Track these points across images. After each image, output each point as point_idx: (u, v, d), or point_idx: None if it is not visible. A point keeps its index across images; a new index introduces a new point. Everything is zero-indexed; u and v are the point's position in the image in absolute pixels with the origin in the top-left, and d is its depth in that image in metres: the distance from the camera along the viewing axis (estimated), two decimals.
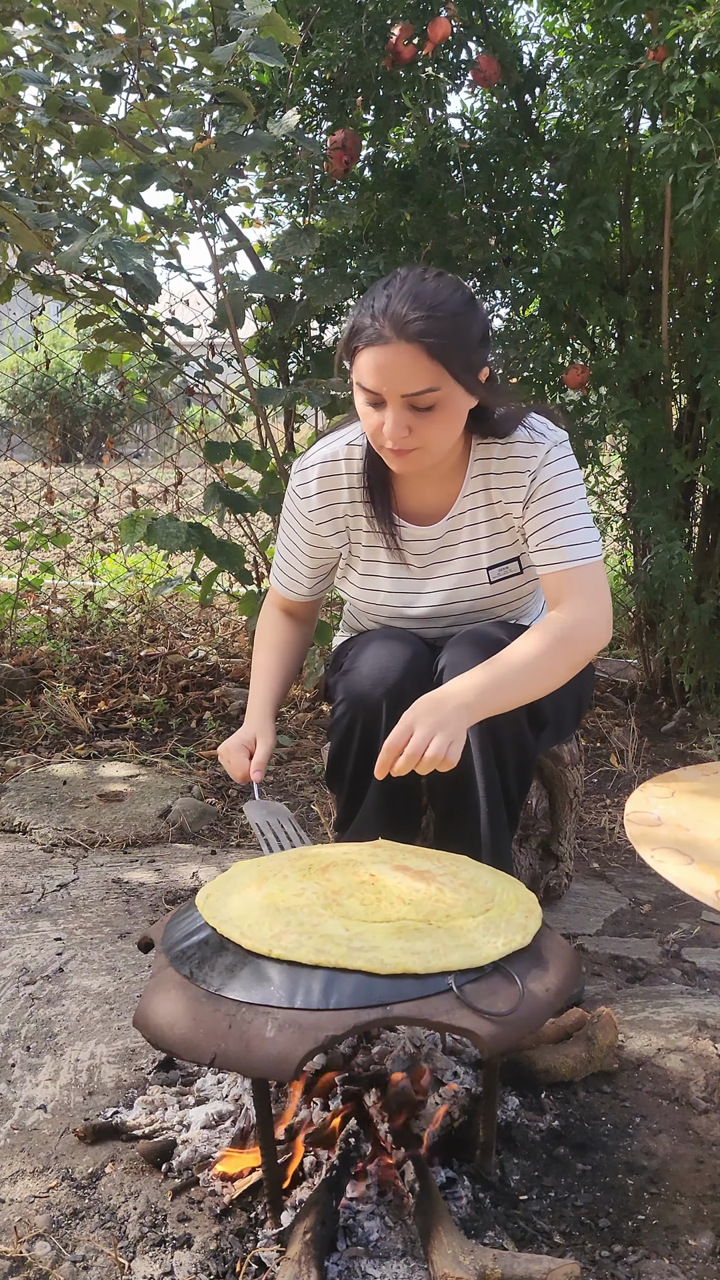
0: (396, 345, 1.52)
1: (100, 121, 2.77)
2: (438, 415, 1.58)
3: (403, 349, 1.52)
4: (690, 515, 3.45)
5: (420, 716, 1.48)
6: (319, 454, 1.84)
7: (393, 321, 1.52)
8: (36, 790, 2.90)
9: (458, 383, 1.56)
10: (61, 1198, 1.38)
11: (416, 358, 1.52)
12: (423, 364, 1.52)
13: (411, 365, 1.53)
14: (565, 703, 1.84)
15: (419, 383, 1.54)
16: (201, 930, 1.31)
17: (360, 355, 1.57)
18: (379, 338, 1.53)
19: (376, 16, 3.04)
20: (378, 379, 1.55)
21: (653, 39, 2.65)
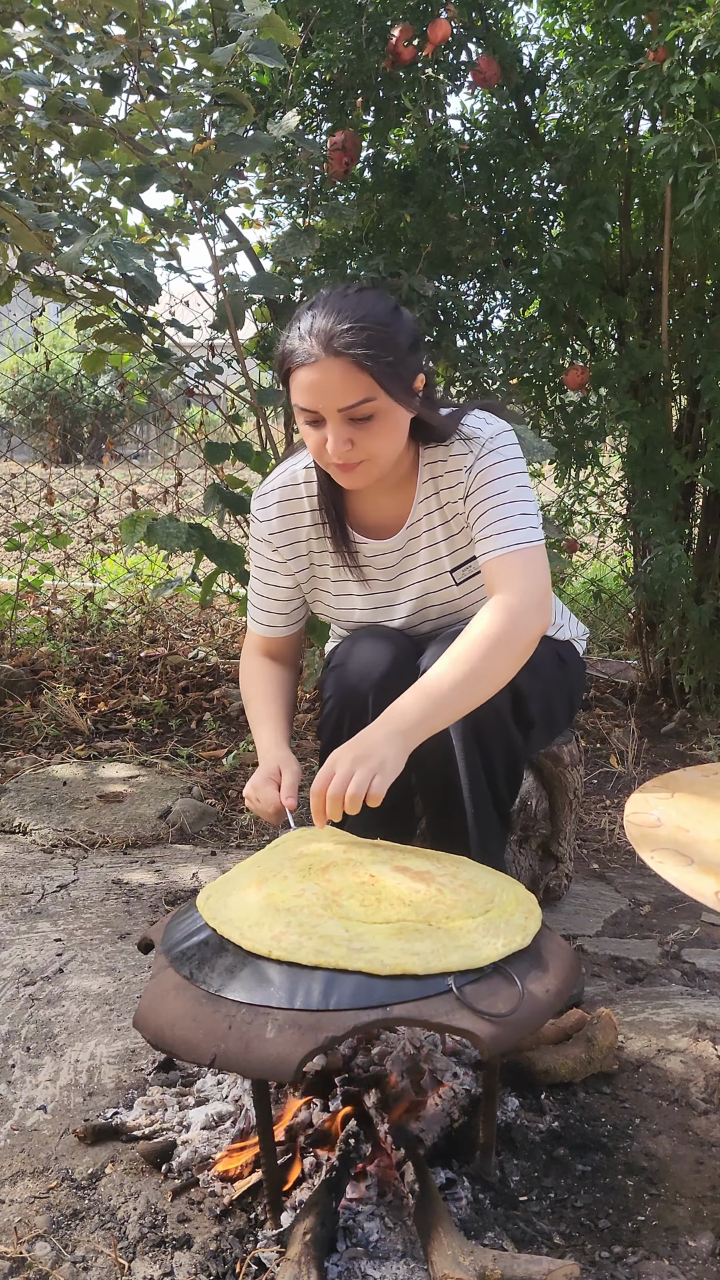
0: (326, 361, 1.54)
1: (100, 123, 2.77)
2: (376, 426, 1.59)
3: (332, 364, 1.54)
4: (690, 516, 3.45)
5: (339, 756, 1.44)
6: (277, 480, 1.85)
7: (319, 338, 1.54)
8: (36, 791, 2.90)
9: (391, 391, 1.58)
10: (61, 1198, 1.38)
11: (347, 371, 1.54)
12: (353, 376, 1.54)
13: (343, 379, 1.55)
14: (555, 701, 1.85)
15: (352, 395, 1.55)
16: (201, 931, 1.31)
17: (294, 377, 1.59)
18: (308, 356, 1.55)
19: (376, 18, 3.04)
20: (312, 397, 1.57)
21: (653, 40, 2.65)
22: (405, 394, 1.61)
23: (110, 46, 2.70)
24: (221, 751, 3.28)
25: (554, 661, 1.88)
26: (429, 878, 1.35)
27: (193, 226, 3.02)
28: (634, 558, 3.52)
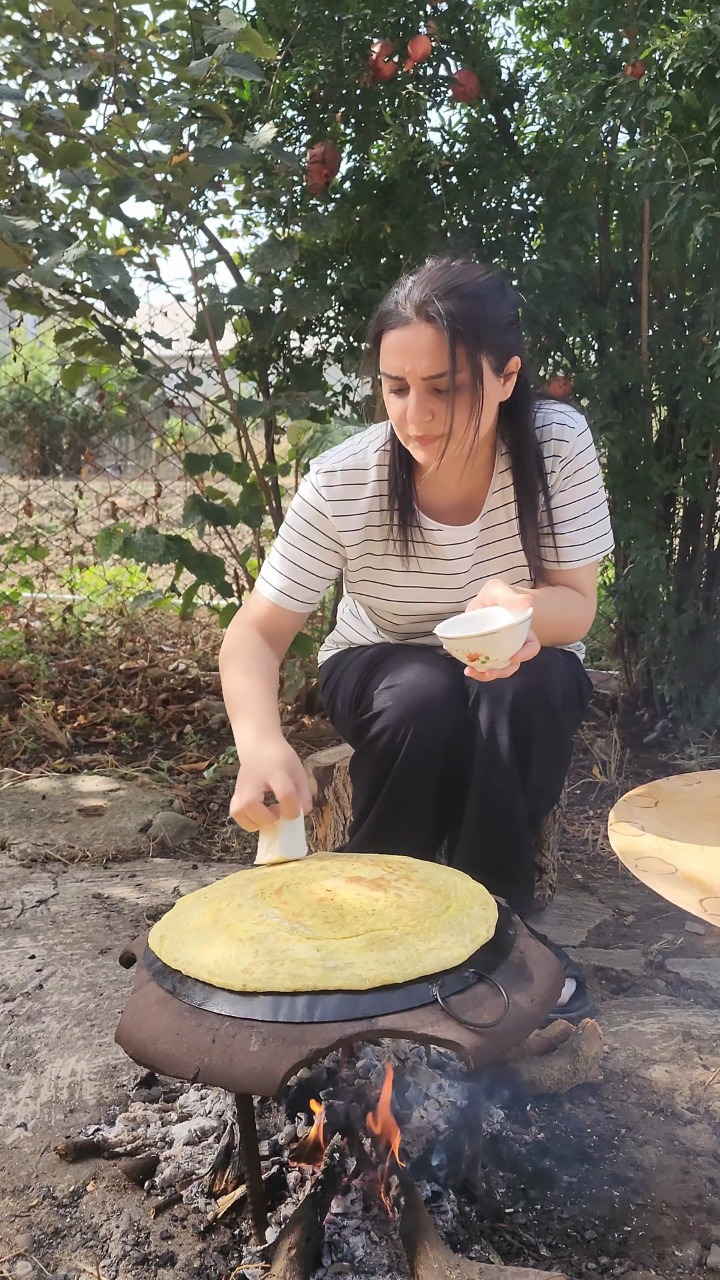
0: (416, 326, 1.51)
1: (78, 135, 2.77)
2: (461, 400, 1.54)
3: (422, 329, 1.50)
4: (670, 527, 3.46)
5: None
6: (344, 458, 1.78)
7: (413, 303, 1.51)
8: (15, 805, 2.88)
9: (481, 365, 1.53)
10: (43, 1216, 1.36)
11: (436, 338, 1.50)
12: (442, 344, 1.50)
13: (431, 345, 1.50)
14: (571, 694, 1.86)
15: (438, 364, 1.51)
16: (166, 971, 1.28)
17: (384, 340, 1.56)
18: (400, 319, 1.52)
19: (356, 34, 3.06)
20: (399, 361, 1.53)
21: (630, 55, 2.67)
22: (495, 372, 1.57)
23: (87, 59, 2.70)
24: (202, 765, 3.26)
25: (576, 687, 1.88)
26: (384, 884, 1.35)
27: (172, 238, 3.02)
28: (615, 568, 3.53)
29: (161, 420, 4.57)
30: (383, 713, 1.73)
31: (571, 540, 1.77)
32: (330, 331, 3.49)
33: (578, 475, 1.74)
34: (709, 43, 2.42)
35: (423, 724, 1.69)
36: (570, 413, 1.75)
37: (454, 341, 1.49)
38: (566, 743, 1.83)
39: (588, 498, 1.76)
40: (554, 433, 1.72)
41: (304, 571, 1.78)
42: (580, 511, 1.76)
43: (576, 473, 1.74)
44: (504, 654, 1.47)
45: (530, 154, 3.17)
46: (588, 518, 1.76)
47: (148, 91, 2.96)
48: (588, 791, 3.07)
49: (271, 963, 1.19)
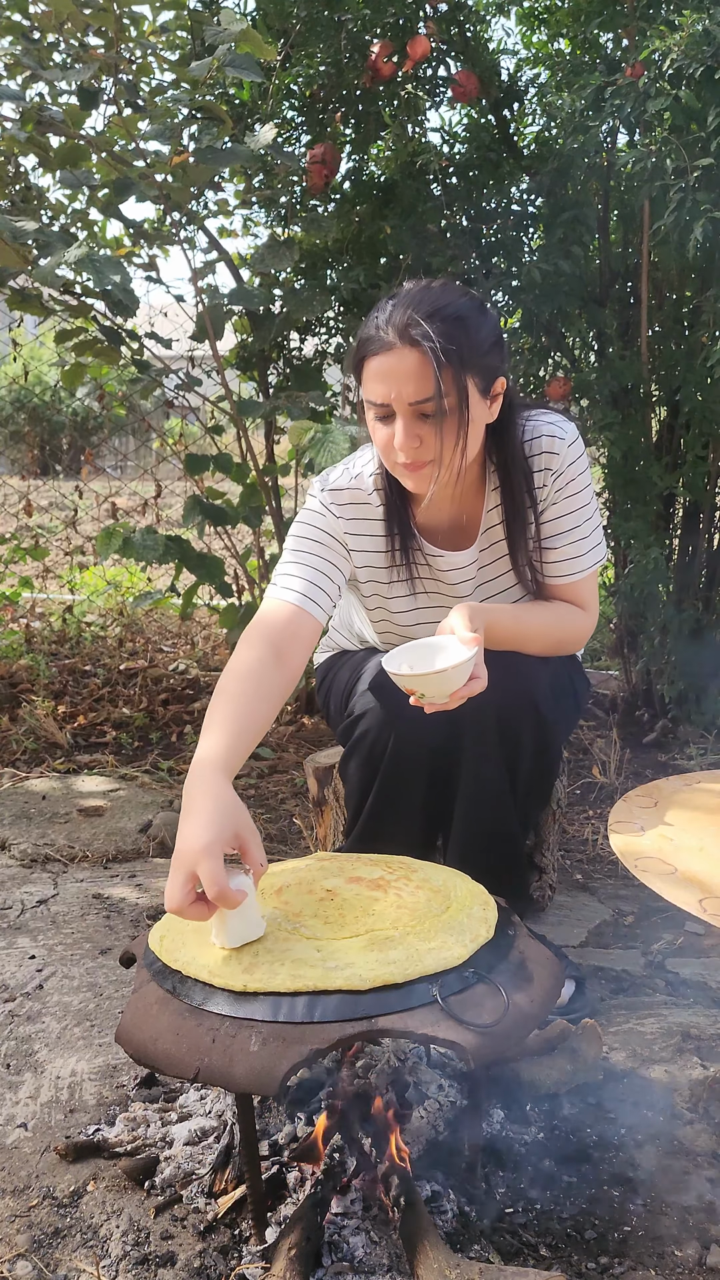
0: (400, 350, 1.48)
1: (78, 135, 2.77)
2: (448, 425, 1.52)
3: (406, 354, 1.48)
4: (670, 527, 3.46)
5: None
6: (344, 479, 1.75)
7: (396, 327, 1.48)
8: (15, 805, 2.88)
9: (468, 388, 1.51)
10: (43, 1217, 1.36)
11: (422, 362, 1.47)
12: (428, 369, 1.47)
13: (417, 370, 1.48)
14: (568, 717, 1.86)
15: (425, 388, 1.48)
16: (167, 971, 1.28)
17: (367, 366, 1.53)
18: (383, 345, 1.49)
19: (356, 34, 3.06)
20: (384, 388, 1.51)
21: (630, 55, 2.67)
22: (481, 395, 1.55)
23: (88, 60, 2.70)
24: None
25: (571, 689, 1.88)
26: (384, 884, 1.35)
27: (172, 238, 3.02)
28: (614, 568, 3.53)
29: (161, 420, 4.57)
30: (366, 713, 1.73)
31: (566, 554, 1.74)
32: (330, 332, 3.49)
33: (570, 487, 1.71)
34: (708, 43, 2.42)
35: (407, 723, 1.68)
36: (560, 422, 1.72)
37: (440, 365, 1.47)
38: (556, 744, 1.80)
39: (581, 509, 1.73)
40: (544, 445, 1.69)
41: (323, 576, 1.69)
42: (574, 524, 1.73)
43: (568, 484, 1.71)
44: (442, 693, 1.47)
45: (530, 154, 3.17)
46: (581, 530, 1.73)
47: (148, 92, 2.97)
48: (587, 791, 3.07)
49: (272, 963, 1.19)
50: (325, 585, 1.68)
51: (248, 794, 3.04)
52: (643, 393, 3.18)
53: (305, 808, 2.88)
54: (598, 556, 1.77)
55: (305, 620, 1.62)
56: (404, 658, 1.52)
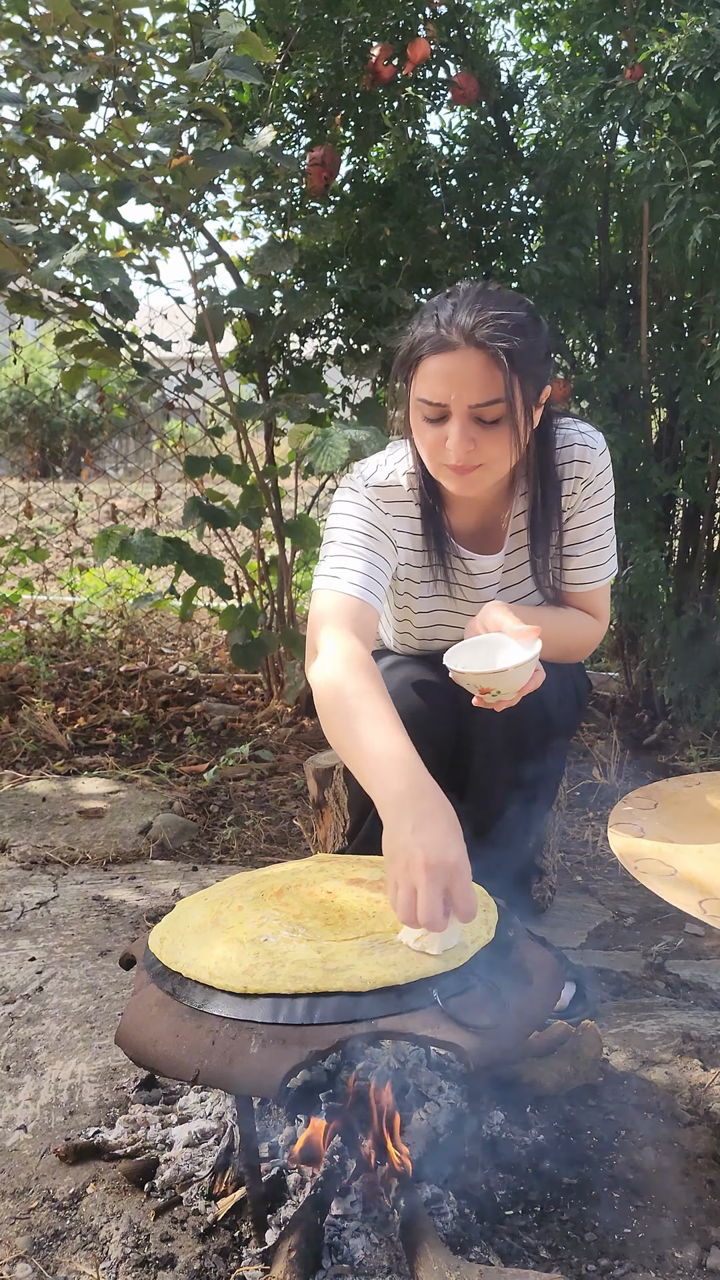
0: (465, 351, 1.46)
1: (77, 138, 2.78)
2: (502, 431, 1.50)
3: (471, 355, 1.46)
4: (670, 529, 3.47)
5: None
6: (381, 477, 1.72)
7: (460, 328, 1.46)
8: (15, 807, 2.88)
9: (524, 396, 1.50)
10: (43, 1219, 1.36)
11: (487, 364, 1.46)
12: (492, 372, 1.46)
13: (481, 372, 1.46)
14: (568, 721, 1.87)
15: (488, 392, 1.47)
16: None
17: (424, 365, 1.50)
18: (445, 344, 1.47)
19: (356, 37, 3.06)
20: (444, 388, 1.48)
21: (629, 57, 2.67)
22: (533, 403, 1.54)
23: (87, 62, 2.71)
24: (202, 766, 3.26)
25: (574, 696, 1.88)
26: (385, 886, 1.35)
27: (171, 240, 3.02)
28: None
29: (161, 422, 4.57)
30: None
31: (586, 562, 1.77)
32: (330, 334, 3.49)
33: (596, 496, 1.73)
34: (707, 45, 2.42)
35: (415, 725, 1.68)
36: (591, 432, 1.72)
37: (506, 370, 1.46)
38: (562, 744, 1.84)
39: (603, 519, 1.75)
40: (576, 453, 1.70)
41: (377, 570, 1.65)
42: (597, 533, 1.75)
43: (596, 494, 1.72)
44: (513, 688, 1.49)
45: (529, 156, 3.17)
46: (602, 539, 1.76)
47: (147, 94, 2.97)
48: (587, 793, 3.07)
49: (272, 964, 1.19)
50: (379, 579, 1.64)
51: (248, 795, 3.04)
52: (642, 394, 3.18)
53: (305, 809, 2.88)
54: (613, 568, 1.80)
55: (370, 613, 1.60)
56: (463, 657, 1.52)
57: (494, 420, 1.50)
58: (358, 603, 1.57)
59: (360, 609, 1.57)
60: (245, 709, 3.78)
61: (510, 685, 1.48)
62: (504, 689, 1.49)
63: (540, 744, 1.74)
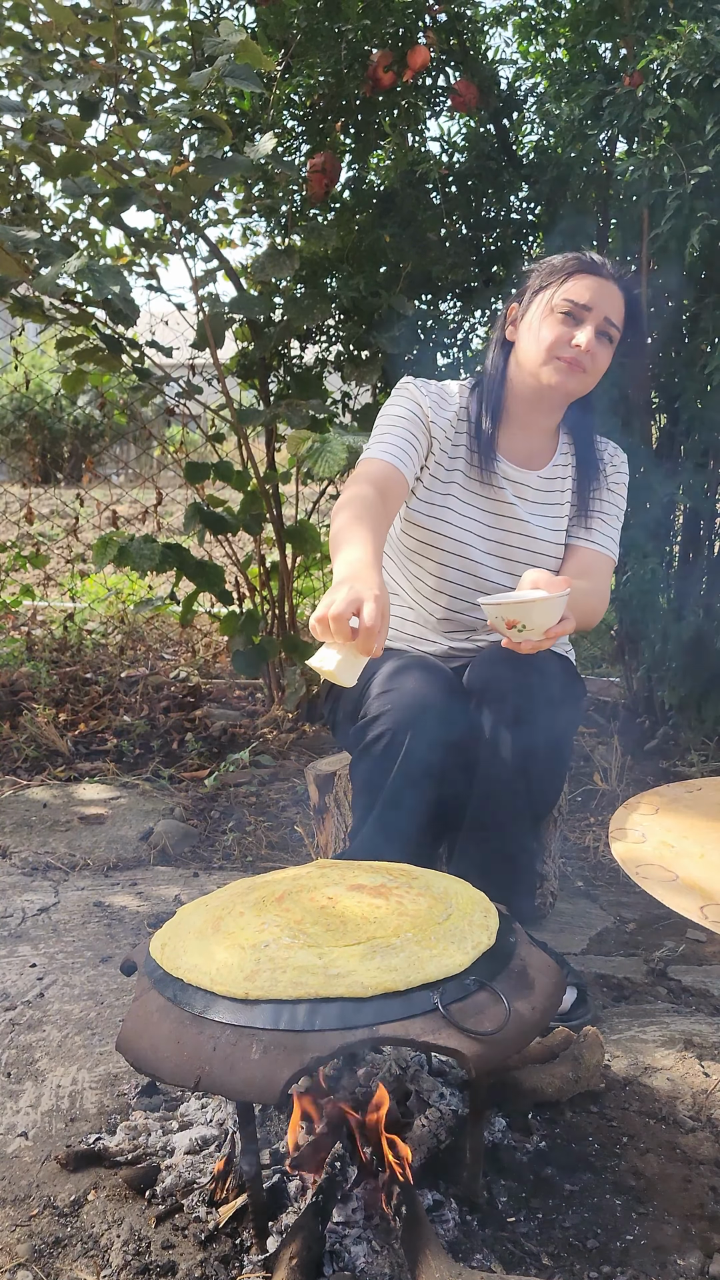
0: (610, 284, 1.86)
1: (79, 145, 2.78)
2: (607, 353, 1.89)
3: (613, 289, 1.86)
4: (671, 534, 3.47)
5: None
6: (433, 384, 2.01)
7: (609, 267, 1.86)
8: (16, 813, 2.88)
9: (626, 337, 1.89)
10: (43, 1226, 1.36)
11: (621, 300, 1.87)
12: (621, 308, 1.87)
13: (619, 303, 1.86)
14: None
15: (619, 317, 1.86)
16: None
17: (578, 278, 1.85)
18: (598, 269, 1.85)
19: (356, 44, 3.07)
20: (593, 297, 1.84)
21: (628, 64, 2.68)
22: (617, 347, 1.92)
23: (88, 69, 2.71)
24: (203, 772, 3.26)
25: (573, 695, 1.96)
26: (386, 891, 1.35)
27: (172, 247, 3.03)
28: (615, 575, 3.53)
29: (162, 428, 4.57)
30: (381, 716, 1.76)
31: (600, 527, 2.03)
32: (330, 340, 3.50)
33: (616, 486, 2.06)
34: (705, 52, 2.43)
35: (421, 727, 1.73)
36: (618, 446, 2.11)
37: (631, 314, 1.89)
38: (567, 743, 1.89)
39: (619, 505, 2.06)
40: (604, 445, 2.09)
41: (409, 444, 1.89)
42: (612, 511, 2.05)
43: (617, 483, 2.06)
44: (540, 625, 1.61)
45: (529, 163, 3.18)
46: (616, 520, 2.05)
47: (148, 102, 2.98)
48: (589, 798, 3.07)
49: (273, 970, 1.19)
50: (411, 453, 1.89)
51: (249, 801, 3.04)
52: (642, 400, 3.18)
53: (306, 815, 2.88)
54: (615, 551, 2.04)
55: (397, 475, 1.84)
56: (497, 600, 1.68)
57: (609, 340, 1.88)
58: (385, 465, 1.83)
59: (388, 469, 1.83)
60: (246, 715, 3.78)
61: (538, 621, 1.61)
62: (530, 623, 1.61)
63: (548, 731, 1.78)
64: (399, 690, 1.76)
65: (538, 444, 2.02)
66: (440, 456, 1.97)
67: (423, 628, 2.04)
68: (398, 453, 1.86)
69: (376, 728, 1.76)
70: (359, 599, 1.43)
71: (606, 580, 2.00)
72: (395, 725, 1.74)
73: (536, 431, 2.01)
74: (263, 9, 3.09)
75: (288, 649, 3.38)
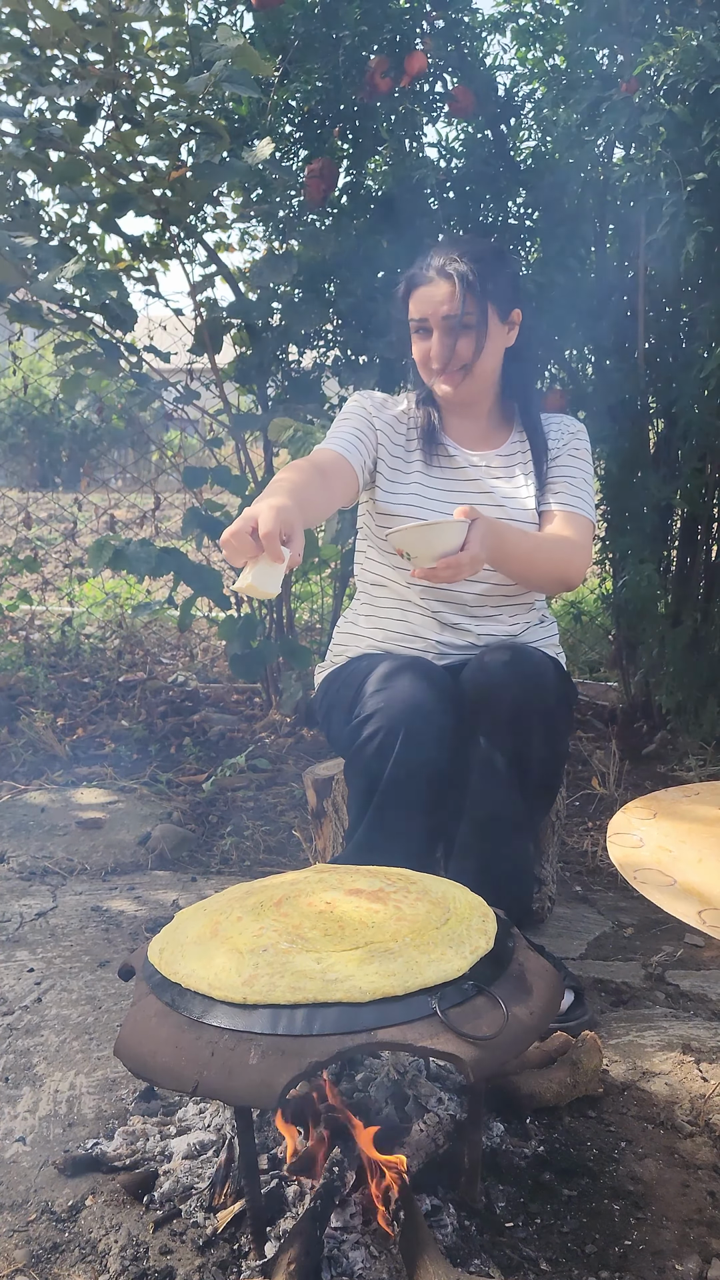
0: (436, 282, 1.90)
1: (77, 151, 2.79)
2: (475, 336, 1.90)
3: (441, 283, 1.89)
4: (668, 539, 3.47)
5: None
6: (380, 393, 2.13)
7: (434, 266, 1.90)
8: (14, 818, 2.88)
9: (488, 311, 1.89)
10: (41, 1231, 1.36)
11: (452, 288, 1.88)
12: (457, 292, 1.87)
13: (450, 293, 1.88)
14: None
15: (454, 305, 1.87)
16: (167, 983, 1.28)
17: (411, 298, 1.93)
18: (423, 278, 1.91)
19: (353, 50, 3.07)
20: (423, 307, 1.91)
21: (625, 71, 2.69)
22: (500, 320, 1.94)
23: (86, 75, 2.72)
24: (201, 776, 3.26)
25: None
26: (384, 896, 1.35)
27: (170, 252, 3.04)
28: (612, 580, 3.54)
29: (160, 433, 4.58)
30: (374, 715, 1.76)
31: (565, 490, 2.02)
32: (328, 344, 3.50)
33: (578, 453, 2.06)
34: (702, 59, 2.44)
35: (414, 727, 1.73)
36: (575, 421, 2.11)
37: (464, 290, 1.87)
38: (563, 745, 1.92)
39: (581, 467, 2.05)
40: (558, 418, 2.10)
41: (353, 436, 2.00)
42: (575, 474, 2.03)
43: (578, 449, 2.06)
44: (429, 553, 1.66)
45: (526, 168, 3.19)
46: (580, 482, 2.03)
47: (146, 107, 2.98)
48: (586, 803, 3.07)
49: (272, 975, 1.19)
50: (358, 444, 1.99)
51: (247, 805, 3.04)
52: (640, 405, 3.19)
53: (304, 820, 2.87)
54: (592, 514, 2.03)
55: (343, 463, 1.94)
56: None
57: (466, 327, 1.89)
58: (331, 453, 1.94)
59: (333, 457, 1.93)
60: (244, 719, 3.78)
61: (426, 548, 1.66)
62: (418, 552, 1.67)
63: (544, 730, 1.78)
64: (392, 689, 1.77)
65: (484, 426, 2.08)
66: (395, 450, 2.04)
67: (413, 625, 2.02)
68: (340, 443, 1.97)
69: (369, 726, 1.76)
70: (253, 514, 1.50)
71: (582, 534, 1.98)
72: (388, 724, 1.74)
73: (476, 416, 2.07)
74: (260, 14, 3.09)
75: (285, 653, 3.38)
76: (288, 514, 1.51)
